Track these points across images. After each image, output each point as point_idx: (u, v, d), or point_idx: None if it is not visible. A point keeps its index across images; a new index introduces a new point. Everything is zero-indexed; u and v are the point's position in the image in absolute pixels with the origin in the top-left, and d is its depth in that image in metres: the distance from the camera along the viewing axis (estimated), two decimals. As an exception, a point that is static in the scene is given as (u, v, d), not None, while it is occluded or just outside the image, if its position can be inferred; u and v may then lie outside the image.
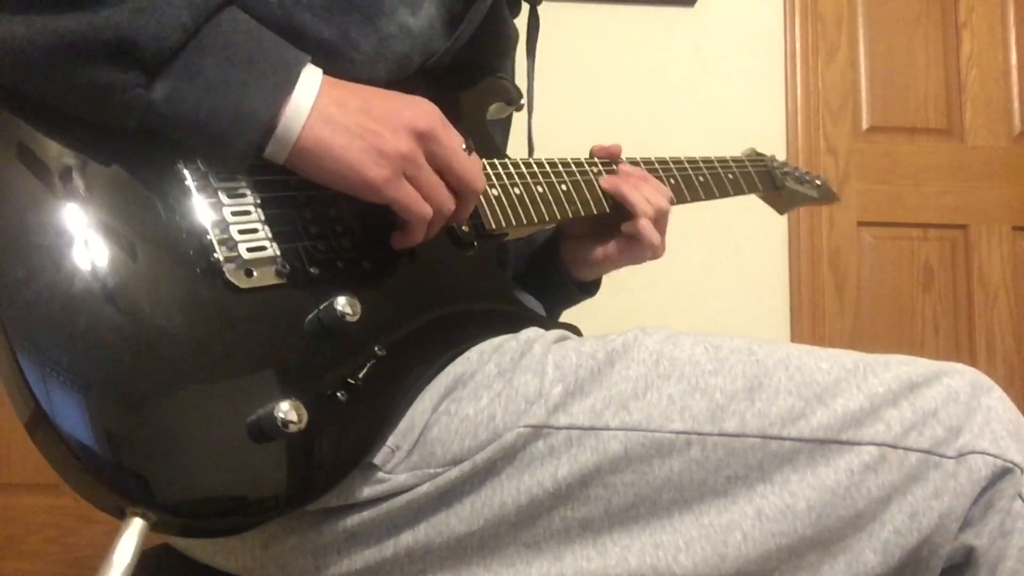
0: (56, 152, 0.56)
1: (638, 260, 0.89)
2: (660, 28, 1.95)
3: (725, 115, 1.93)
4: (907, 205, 1.98)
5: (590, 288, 0.94)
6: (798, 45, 1.98)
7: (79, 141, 0.57)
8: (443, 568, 0.63)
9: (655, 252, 0.87)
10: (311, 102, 0.59)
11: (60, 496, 1.68)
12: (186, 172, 0.59)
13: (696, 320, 1.87)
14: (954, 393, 0.63)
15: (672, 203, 0.89)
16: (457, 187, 0.66)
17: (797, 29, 1.98)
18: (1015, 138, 2.03)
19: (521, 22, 0.92)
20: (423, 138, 0.63)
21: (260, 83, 0.58)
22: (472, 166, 0.67)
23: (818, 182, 1.17)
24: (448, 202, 0.66)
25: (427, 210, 0.64)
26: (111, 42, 0.54)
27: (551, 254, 0.92)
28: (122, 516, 0.52)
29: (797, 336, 1.91)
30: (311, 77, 0.61)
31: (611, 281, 0.95)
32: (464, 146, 0.67)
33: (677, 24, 1.96)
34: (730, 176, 1.01)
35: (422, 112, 0.64)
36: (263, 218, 0.61)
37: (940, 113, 2.02)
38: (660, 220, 0.87)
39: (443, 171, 0.65)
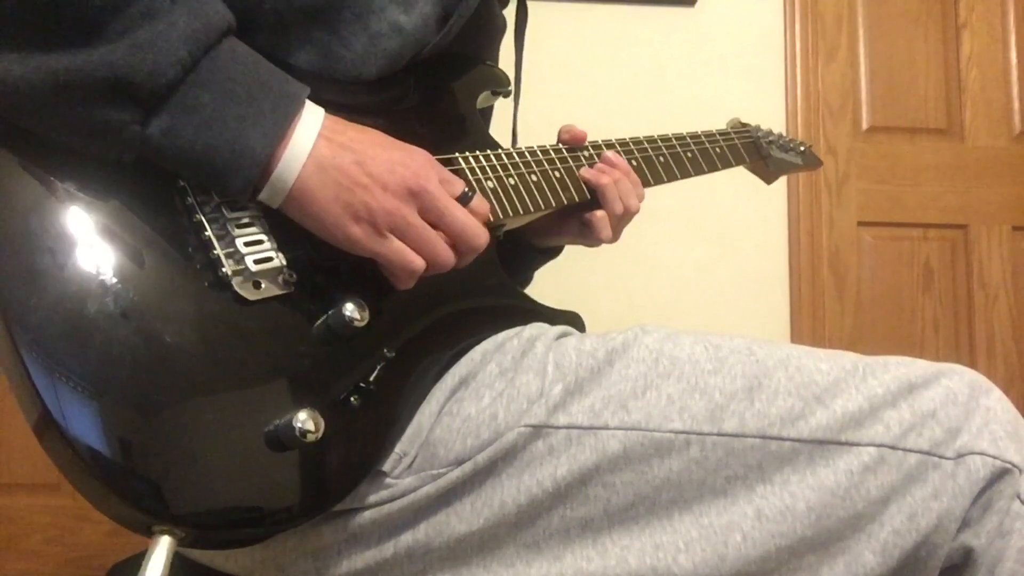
0: (60, 167, 0.55)
1: (589, 245, 0.90)
2: (660, 28, 1.95)
3: (725, 115, 1.91)
4: (907, 205, 1.98)
5: (551, 251, 0.94)
6: (798, 45, 1.98)
7: (83, 156, 0.56)
8: (443, 568, 0.63)
9: (605, 241, 0.88)
10: (309, 148, 0.59)
11: (60, 496, 1.68)
12: (189, 187, 0.59)
13: (696, 320, 1.87)
14: (953, 394, 0.63)
15: (641, 201, 0.89)
16: (454, 243, 0.64)
17: (797, 29, 1.98)
18: (1015, 138, 2.03)
19: (509, 12, 0.91)
20: (414, 196, 0.62)
21: (259, 119, 0.57)
22: (468, 221, 0.64)
23: (802, 148, 1.16)
24: (442, 254, 0.63)
25: (415, 263, 0.62)
26: (106, 81, 0.53)
27: None
28: (149, 534, 0.52)
29: (797, 336, 1.91)
30: (311, 117, 0.60)
31: (611, 281, 0.95)
32: (467, 192, 0.65)
33: (677, 24, 1.96)
34: (717, 150, 1.00)
35: (416, 168, 0.62)
36: (267, 228, 0.61)
37: (940, 113, 2.02)
38: (624, 219, 0.87)
39: (437, 227, 0.63)
